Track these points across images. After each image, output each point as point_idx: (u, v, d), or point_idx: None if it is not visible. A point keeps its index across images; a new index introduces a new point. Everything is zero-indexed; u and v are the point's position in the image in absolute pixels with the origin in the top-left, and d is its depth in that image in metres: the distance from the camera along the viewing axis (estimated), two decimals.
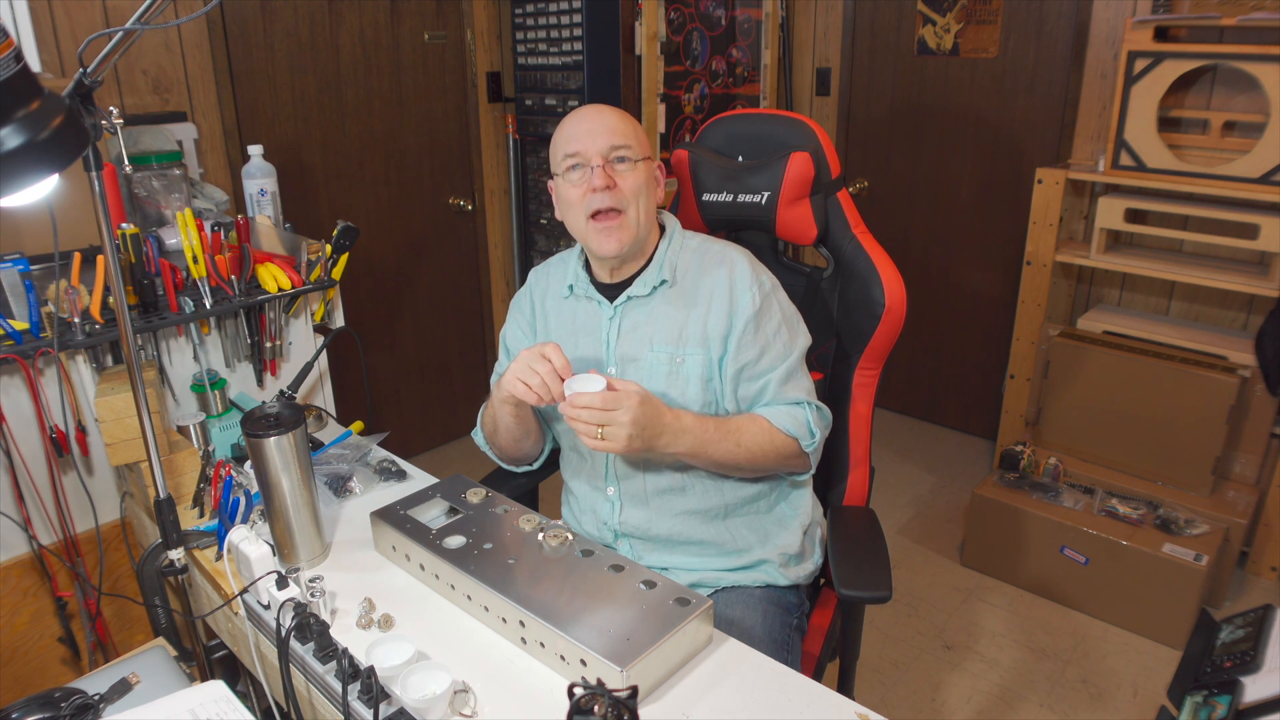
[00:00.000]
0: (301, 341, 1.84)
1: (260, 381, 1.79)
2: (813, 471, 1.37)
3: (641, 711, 0.92)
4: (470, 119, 3.24)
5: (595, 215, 1.27)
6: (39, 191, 1.03)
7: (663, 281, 1.32)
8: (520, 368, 1.21)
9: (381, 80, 2.97)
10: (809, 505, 1.43)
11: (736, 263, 1.32)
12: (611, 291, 1.36)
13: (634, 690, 0.78)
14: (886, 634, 2.38)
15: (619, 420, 1.15)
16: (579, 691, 0.77)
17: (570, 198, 1.29)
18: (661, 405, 1.21)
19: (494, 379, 1.51)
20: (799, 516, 1.41)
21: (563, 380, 1.18)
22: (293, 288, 1.70)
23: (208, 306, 1.61)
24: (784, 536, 1.38)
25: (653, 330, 1.32)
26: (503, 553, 1.13)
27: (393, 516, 1.23)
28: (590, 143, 1.26)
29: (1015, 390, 3.00)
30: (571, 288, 1.40)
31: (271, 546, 1.19)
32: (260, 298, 1.68)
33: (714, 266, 1.32)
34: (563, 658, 0.98)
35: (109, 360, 1.56)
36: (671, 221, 1.40)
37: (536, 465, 1.53)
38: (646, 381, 1.30)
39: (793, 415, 1.29)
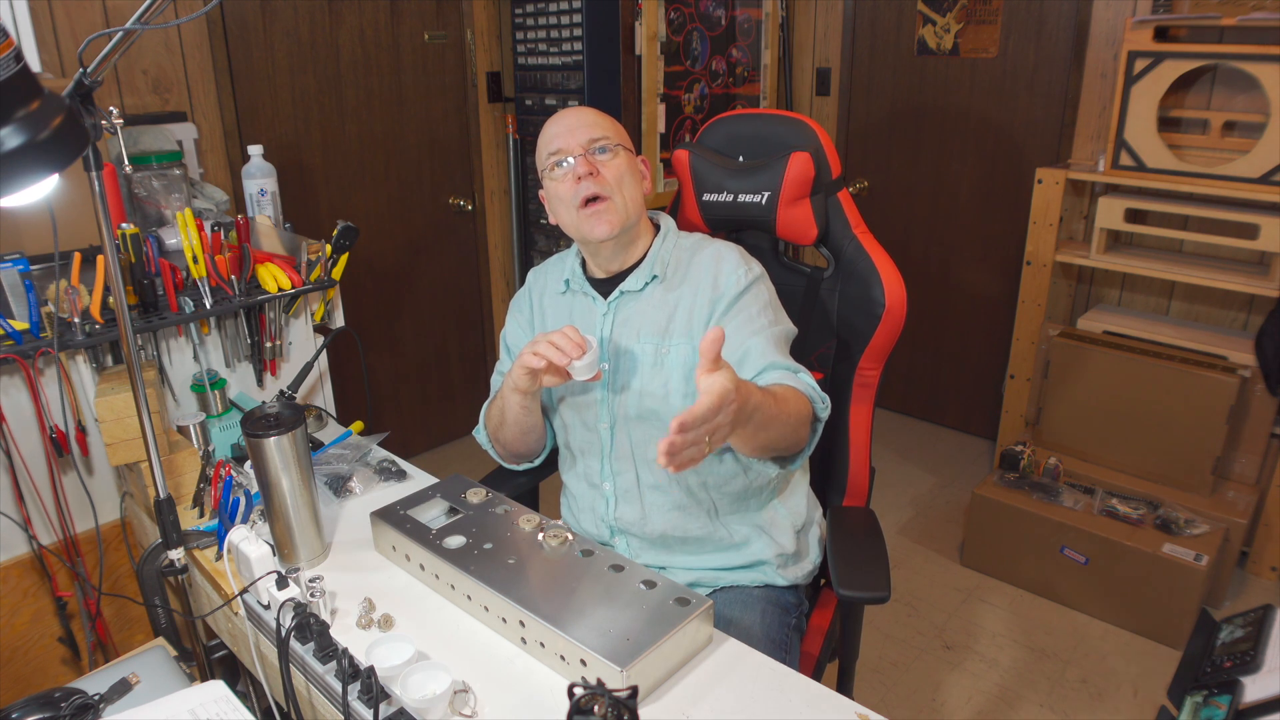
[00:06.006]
0: (301, 341, 1.84)
1: (260, 381, 1.79)
2: (798, 466, 1.25)
3: (641, 711, 0.92)
4: (470, 119, 3.24)
5: (584, 203, 1.30)
6: (39, 191, 1.04)
7: (654, 277, 1.34)
8: (536, 343, 1.22)
9: (381, 80, 2.97)
10: (804, 504, 1.44)
11: (725, 252, 1.33)
12: (606, 287, 1.38)
13: (634, 690, 0.78)
14: (886, 634, 2.38)
15: (722, 423, 1.00)
16: (579, 691, 0.77)
17: (559, 192, 1.32)
18: (745, 387, 1.03)
19: (495, 379, 1.52)
20: (793, 516, 1.41)
21: (580, 350, 1.19)
22: (293, 288, 1.70)
23: (208, 306, 1.61)
24: (780, 534, 1.38)
25: (640, 323, 1.33)
26: (503, 553, 1.13)
27: (393, 516, 1.23)
28: (570, 138, 1.31)
29: (1015, 390, 3.00)
30: (568, 283, 1.42)
31: (271, 546, 1.19)
32: (260, 298, 1.68)
33: (702, 257, 1.34)
34: (563, 658, 0.98)
35: (109, 360, 1.56)
36: (667, 222, 1.41)
37: (538, 462, 1.54)
38: (633, 373, 1.32)
39: (802, 381, 1.20)
